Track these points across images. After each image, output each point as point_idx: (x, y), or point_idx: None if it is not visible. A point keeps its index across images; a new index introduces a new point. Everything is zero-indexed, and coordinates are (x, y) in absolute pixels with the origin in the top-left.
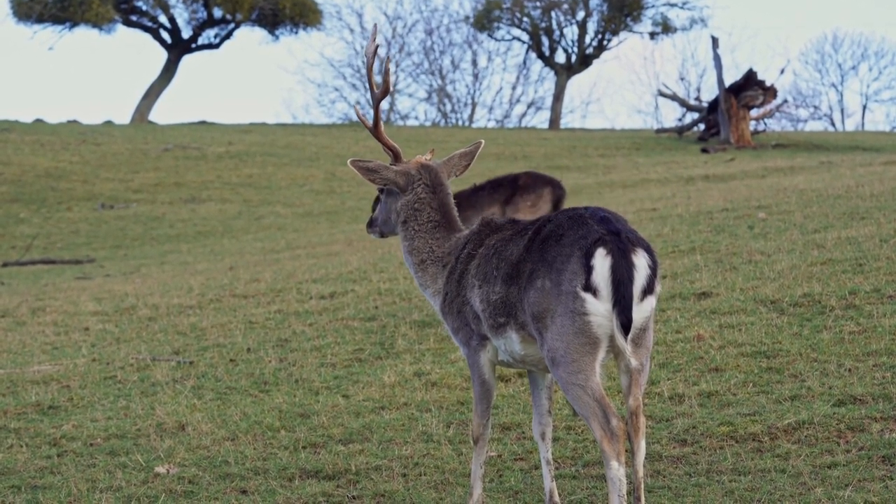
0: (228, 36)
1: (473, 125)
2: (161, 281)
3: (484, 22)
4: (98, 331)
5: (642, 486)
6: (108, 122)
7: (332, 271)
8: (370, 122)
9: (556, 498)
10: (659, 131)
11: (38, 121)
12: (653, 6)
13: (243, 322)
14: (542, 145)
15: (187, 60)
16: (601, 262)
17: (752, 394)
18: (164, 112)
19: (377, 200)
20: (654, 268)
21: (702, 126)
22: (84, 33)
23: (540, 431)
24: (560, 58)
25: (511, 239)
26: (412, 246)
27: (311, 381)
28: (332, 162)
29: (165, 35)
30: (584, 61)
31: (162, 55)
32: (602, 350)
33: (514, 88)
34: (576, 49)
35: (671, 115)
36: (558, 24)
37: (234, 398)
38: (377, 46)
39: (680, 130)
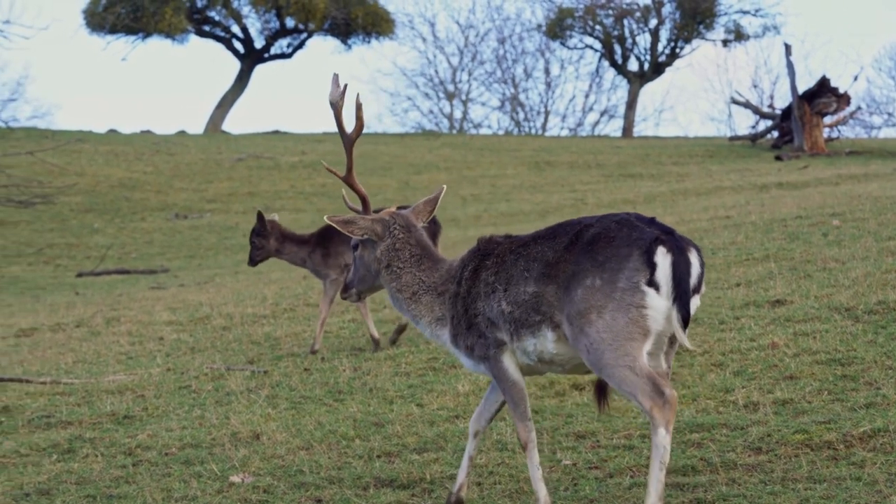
0: (301, 45)
1: (546, 133)
2: (235, 290)
3: (556, 30)
4: (172, 340)
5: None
6: (182, 132)
7: None
8: (342, 170)
9: (464, 492)
10: (732, 139)
11: (112, 131)
12: (725, 14)
13: None
14: (616, 153)
15: (260, 70)
16: (663, 260)
17: (826, 401)
18: (238, 122)
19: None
20: (703, 267)
21: (775, 133)
22: (157, 44)
23: (475, 430)
24: (633, 65)
25: (536, 243)
26: (400, 284)
27: (386, 391)
28: (406, 171)
29: (238, 45)
30: (657, 69)
31: (235, 65)
32: (649, 343)
33: (586, 96)
34: (648, 57)
35: (744, 123)
36: (631, 31)
37: (308, 407)
38: (343, 91)
39: (753, 138)
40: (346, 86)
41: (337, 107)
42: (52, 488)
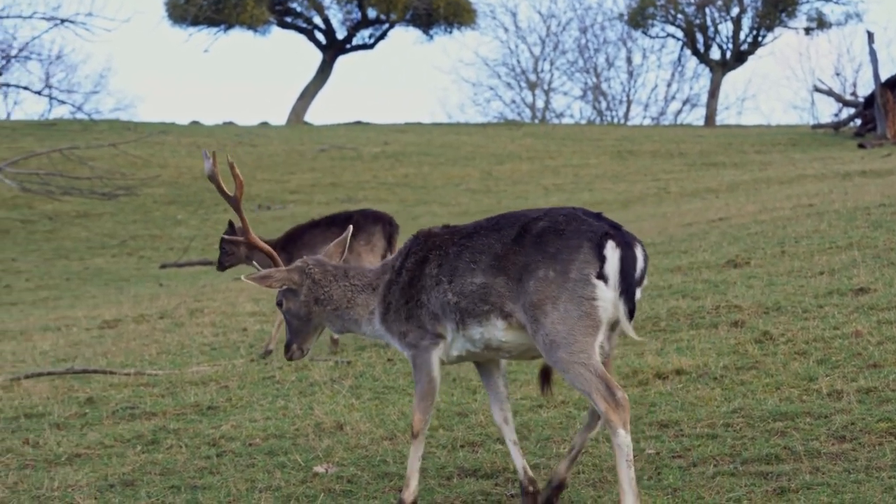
0: (383, 36)
1: (628, 122)
2: None
3: (638, 19)
4: (256, 331)
5: (579, 451)
6: (264, 124)
7: None
8: (241, 234)
9: (530, 472)
10: (815, 127)
11: (195, 123)
12: (807, 1)
13: None
14: (698, 142)
15: (342, 61)
16: (612, 254)
17: None
18: (320, 113)
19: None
20: (646, 262)
21: (858, 121)
22: (239, 35)
23: (502, 417)
24: (715, 54)
25: (479, 235)
26: (334, 303)
27: (469, 380)
28: (488, 161)
29: (320, 36)
30: (739, 57)
31: (317, 56)
32: (601, 333)
33: (669, 85)
34: (730, 45)
35: (827, 111)
36: (713, 20)
37: (391, 397)
38: (213, 161)
39: (836, 126)
40: (213, 153)
41: (215, 178)
42: (137, 479)
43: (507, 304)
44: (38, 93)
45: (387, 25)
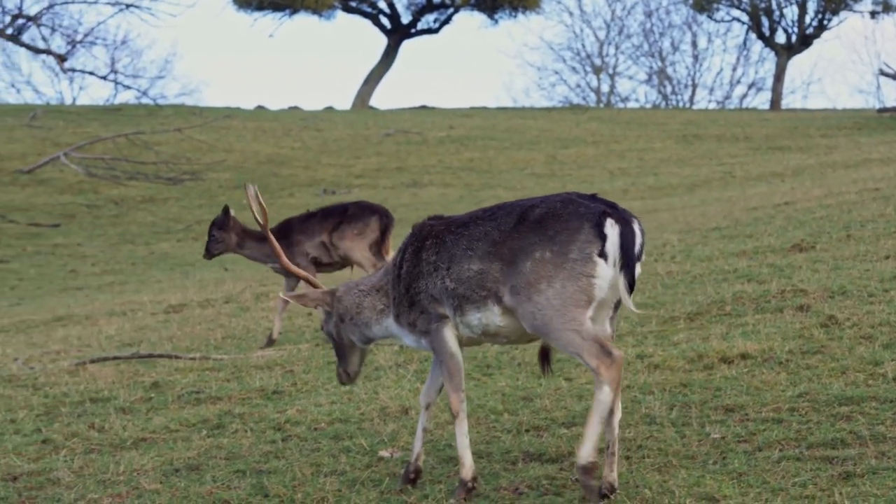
0: (448, 21)
1: (694, 106)
2: None
3: (703, 3)
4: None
5: (617, 443)
6: (330, 108)
7: None
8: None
9: (421, 462)
10: (881, 111)
11: (260, 107)
12: None
13: None
14: (763, 126)
15: (407, 45)
16: (612, 231)
17: None
18: (385, 97)
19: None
20: (644, 236)
21: None
22: (304, 20)
23: (426, 402)
24: (780, 38)
25: (476, 223)
26: (349, 311)
27: (534, 365)
28: (553, 145)
29: (385, 20)
30: (805, 41)
31: (382, 40)
32: (592, 310)
33: (734, 69)
34: (796, 29)
35: (893, 95)
36: (778, 4)
37: None
38: (256, 195)
39: None
40: (256, 189)
41: (252, 206)
42: (202, 463)
43: (501, 288)
44: (104, 78)
45: (451, 10)
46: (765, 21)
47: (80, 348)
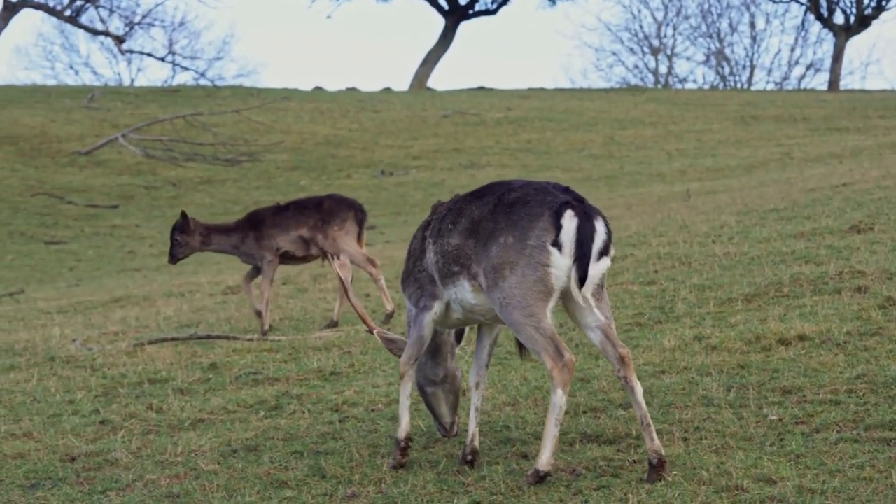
0: (505, 2)
1: (752, 87)
2: None
3: None
4: (378, 297)
5: (648, 415)
6: (387, 90)
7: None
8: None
9: (476, 442)
10: None
11: (318, 89)
12: None
13: None
14: (822, 107)
15: (465, 27)
16: (568, 223)
17: None
18: (443, 78)
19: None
20: (609, 234)
21: None
22: (362, 1)
23: (475, 381)
24: (838, 19)
25: (466, 201)
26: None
27: (591, 346)
28: (611, 126)
29: (443, 1)
30: (863, 22)
31: (439, 21)
32: (553, 300)
33: (792, 50)
34: (854, 10)
35: None
36: None
37: (514, 363)
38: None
39: None
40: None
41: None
42: (260, 444)
43: (474, 266)
44: (162, 59)
45: None
46: (823, 2)
47: (138, 329)
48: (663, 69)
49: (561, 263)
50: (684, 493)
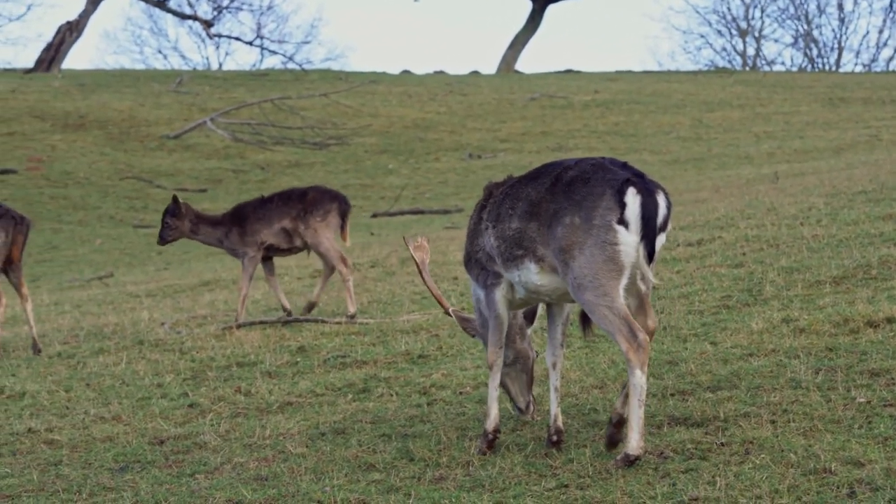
0: None
1: (840, 69)
2: None
3: None
4: (466, 280)
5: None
6: (475, 73)
7: (699, 218)
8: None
9: (560, 422)
10: None
11: (406, 72)
12: None
13: None
14: None
15: (552, 9)
16: (632, 200)
17: None
18: (530, 61)
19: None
20: (669, 208)
21: None
22: None
23: (552, 361)
24: None
25: (521, 184)
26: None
27: (679, 329)
28: (699, 109)
29: None
30: None
31: (527, 5)
32: (625, 277)
33: (880, 32)
34: None
35: None
36: None
37: (602, 346)
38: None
39: None
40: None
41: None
42: (348, 427)
43: (539, 248)
44: (250, 43)
45: None
46: None
47: (227, 313)
48: (751, 51)
49: (629, 240)
50: (772, 475)
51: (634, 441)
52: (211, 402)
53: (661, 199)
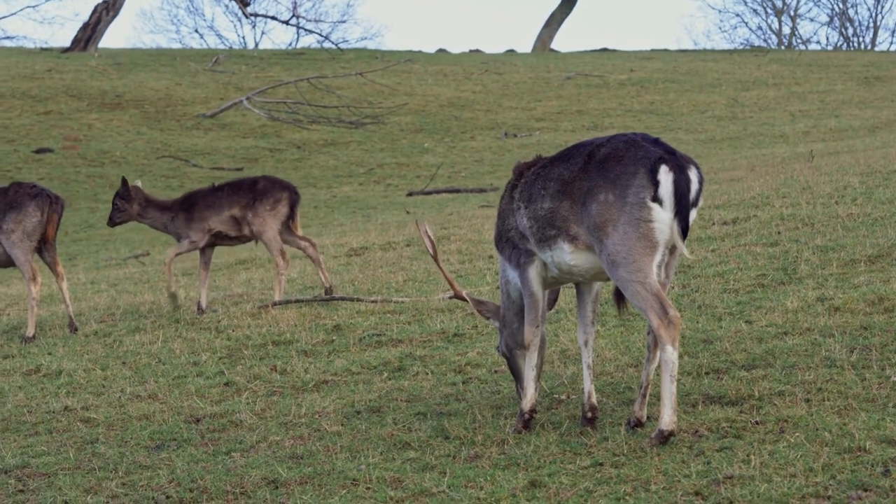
0: None
1: (876, 48)
2: None
3: None
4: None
5: (650, 387)
6: (511, 51)
7: (734, 197)
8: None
9: (594, 399)
10: None
11: (441, 51)
12: None
13: None
14: None
15: None
16: (665, 178)
17: None
18: (566, 40)
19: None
20: (701, 182)
21: None
22: None
23: (584, 339)
24: None
25: (553, 164)
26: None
27: (714, 307)
28: (734, 88)
29: None
30: None
31: None
32: (659, 253)
33: None
34: None
35: None
36: None
37: (636, 324)
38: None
39: None
40: (423, 227)
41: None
42: (383, 406)
43: (573, 227)
44: (286, 22)
45: None
46: None
47: (263, 291)
48: (786, 30)
49: (663, 217)
50: (807, 454)
51: (668, 416)
52: (247, 380)
53: (693, 175)
